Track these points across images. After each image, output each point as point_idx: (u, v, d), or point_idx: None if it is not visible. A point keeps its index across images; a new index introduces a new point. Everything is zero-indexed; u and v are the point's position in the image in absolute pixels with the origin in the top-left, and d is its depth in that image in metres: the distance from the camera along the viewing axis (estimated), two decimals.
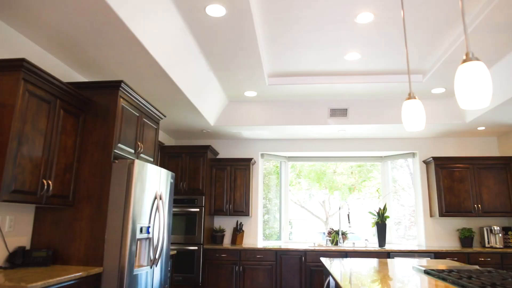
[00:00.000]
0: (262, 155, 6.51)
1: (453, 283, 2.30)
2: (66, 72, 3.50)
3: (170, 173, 3.89)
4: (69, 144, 3.04)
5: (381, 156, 6.65)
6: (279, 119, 5.49)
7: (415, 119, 2.56)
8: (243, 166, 6.02)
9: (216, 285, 5.36)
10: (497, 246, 5.47)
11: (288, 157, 6.78)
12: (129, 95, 3.42)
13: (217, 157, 6.37)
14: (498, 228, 5.52)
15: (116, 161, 3.15)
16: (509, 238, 5.53)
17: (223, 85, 4.85)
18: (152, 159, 3.94)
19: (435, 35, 3.65)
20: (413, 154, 6.29)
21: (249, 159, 6.02)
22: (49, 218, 3.08)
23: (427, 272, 2.74)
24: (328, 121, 5.43)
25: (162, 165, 5.74)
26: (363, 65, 4.37)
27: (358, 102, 5.34)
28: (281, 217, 6.60)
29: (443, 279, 2.44)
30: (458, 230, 5.81)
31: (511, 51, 3.84)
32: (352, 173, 8.11)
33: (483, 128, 5.56)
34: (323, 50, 4.00)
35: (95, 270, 2.83)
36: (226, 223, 6.18)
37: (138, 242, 3.17)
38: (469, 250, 5.25)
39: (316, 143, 6.40)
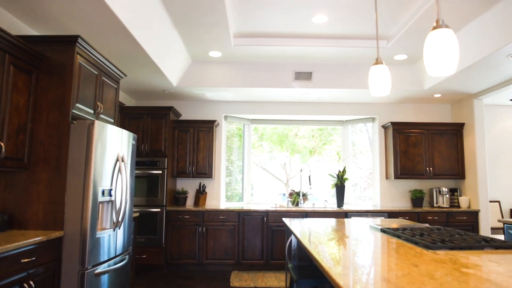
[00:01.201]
0: (226, 117, 6.46)
1: (406, 240, 2.46)
2: (14, 24, 3.21)
3: (132, 134, 3.78)
4: (22, 103, 2.85)
5: (342, 120, 6.81)
6: (244, 81, 5.42)
7: (381, 84, 2.61)
8: (206, 128, 5.96)
9: (179, 246, 5.43)
10: (444, 206, 5.90)
11: (252, 119, 6.78)
12: (87, 52, 3.21)
13: (180, 118, 6.25)
14: (446, 189, 5.93)
15: (75, 121, 3.00)
16: (454, 199, 5.97)
17: (187, 44, 4.67)
18: (112, 120, 3.79)
19: (401, 1, 3.67)
20: (373, 119, 6.49)
21: (213, 121, 5.96)
22: (3, 181, 2.92)
23: (383, 231, 2.90)
24: (293, 84, 5.44)
25: (123, 126, 5.56)
26: (330, 29, 4.35)
27: (323, 66, 5.36)
28: (243, 179, 6.69)
29: (398, 236, 2.61)
30: (410, 191, 6.17)
31: (469, 22, 3.95)
32: (313, 136, 8.28)
33: (439, 95, 5.80)
34: (291, 11, 3.92)
35: (56, 234, 2.76)
36: (189, 185, 6.17)
37: (100, 205, 3.10)
38: (419, 209, 5.62)
39: (280, 106, 6.42)
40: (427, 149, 5.94)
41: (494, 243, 2.22)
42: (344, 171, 6.01)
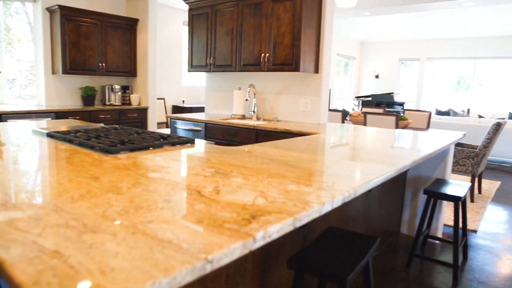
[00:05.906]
0: None
1: (81, 145, 2.08)
2: None
3: None
4: None
5: None
6: None
7: None
8: None
9: None
10: (116, 103, 5.82)
11: None
12: None
13: None
14: (118, 87, 5.82)
15: None
16: (126, 96, 5.99)
17: None
18: None
19: None
20: None
21: None
22: None
23: (50, 135, 2.38)
24: None
25: None
26: None
27: None
28: None
29: (70, 141, 2.18)
30: (81, 88, 5.66)
31: None
32: None
33: None
34: None
35: None
36: None
37: None
38: (91, 108, 5.28)
39: None
40: (100, 42, 5.48)
41: (171, 139, 2.21)
42: None
